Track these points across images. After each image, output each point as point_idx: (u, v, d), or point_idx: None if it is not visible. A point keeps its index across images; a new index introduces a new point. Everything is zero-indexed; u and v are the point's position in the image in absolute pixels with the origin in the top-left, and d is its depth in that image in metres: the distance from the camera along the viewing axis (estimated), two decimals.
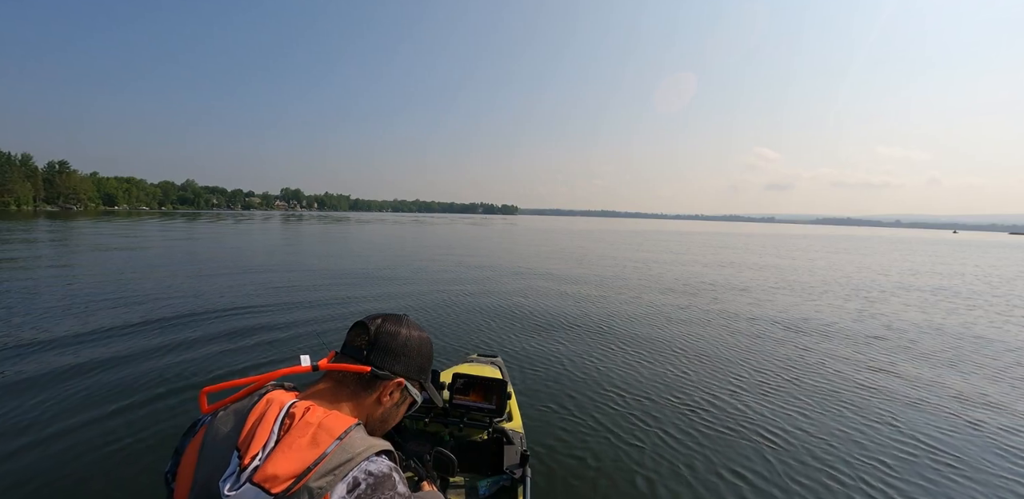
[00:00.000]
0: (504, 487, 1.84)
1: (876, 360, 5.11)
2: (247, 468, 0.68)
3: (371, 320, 0.94)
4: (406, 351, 0.93)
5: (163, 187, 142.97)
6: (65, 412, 3.17)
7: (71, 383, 3.66)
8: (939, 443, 3.19)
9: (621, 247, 23.70)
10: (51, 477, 2.45)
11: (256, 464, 0.68)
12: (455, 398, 2.03)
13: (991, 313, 8.20)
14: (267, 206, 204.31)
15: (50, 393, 3.46)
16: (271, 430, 0.71)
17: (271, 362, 4.33)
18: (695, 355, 5.06)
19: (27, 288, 7.55)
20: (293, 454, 0.68)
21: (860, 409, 3.73)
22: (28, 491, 2.34)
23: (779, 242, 34.95)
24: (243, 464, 0.68)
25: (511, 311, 7.00)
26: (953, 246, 39.51)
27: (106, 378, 3.79)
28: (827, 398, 3.94)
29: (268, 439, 0.70)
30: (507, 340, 5.41)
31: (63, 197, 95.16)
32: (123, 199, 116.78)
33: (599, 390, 3.95)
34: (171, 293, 7.43)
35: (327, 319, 6.07)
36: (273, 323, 5.71)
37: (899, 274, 14.52)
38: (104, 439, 2.84)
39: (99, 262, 11.33)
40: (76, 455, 2.66)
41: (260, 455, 0.69)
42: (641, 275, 12.20)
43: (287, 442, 0.70)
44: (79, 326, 5.29)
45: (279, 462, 0.67)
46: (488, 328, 5.92)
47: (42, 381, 3.68)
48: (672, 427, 3.29)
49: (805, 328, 6.58)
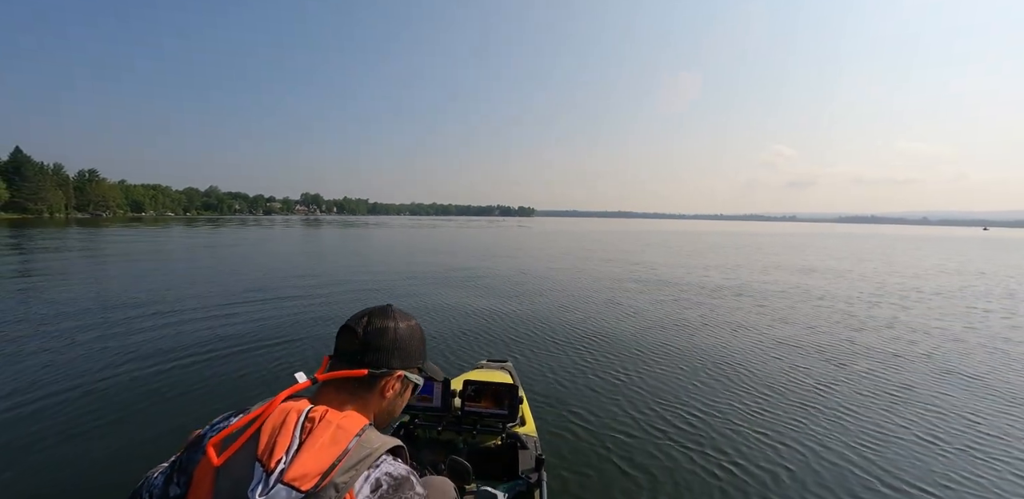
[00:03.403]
0: (521, 492, 1.83)
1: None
2: (273, 472, 0.70)
3: (357, 322, 0.93)
4: (399, 345, 0.93)
5: (187, 194, 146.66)
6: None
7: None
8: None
9: (636, 247, 23.49)
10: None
11: (282, 467, 0.71)
12: (467, 405, 2.03)
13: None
14: (287, 211, 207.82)
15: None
16: (292, 435, 0.75)
17: (264, 381, 4.04)
18: (724, 362, 4.95)
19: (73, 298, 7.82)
20: (318, 453, 0.72)
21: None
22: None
23: (822, 242, 34.21)
24: (268, 469, 0.71)
25: (519, 315, 7.00)
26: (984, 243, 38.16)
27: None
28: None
29: (291, 443, 0.73)
30: (516, 344, 5.40)
31: (93, 204, 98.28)
32: (150, 206, 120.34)
33: (613, 392, 3.91)
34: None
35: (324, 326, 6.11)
36: (260, 338, 5.80)
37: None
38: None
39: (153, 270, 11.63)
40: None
41: (284, 459, 0.72)
42: (679, 279, 12.07)
43: (311, 443, 0.74)
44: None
45: (306, 461, 0.71)
46: (497, 332, 5.89)
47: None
48: (693, 429, 3.23)
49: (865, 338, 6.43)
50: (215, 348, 4.86)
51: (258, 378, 4.07)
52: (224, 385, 3.89)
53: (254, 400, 0.85)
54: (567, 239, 32.05)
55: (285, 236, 29.94)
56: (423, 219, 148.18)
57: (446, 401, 2.01)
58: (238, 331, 5.55)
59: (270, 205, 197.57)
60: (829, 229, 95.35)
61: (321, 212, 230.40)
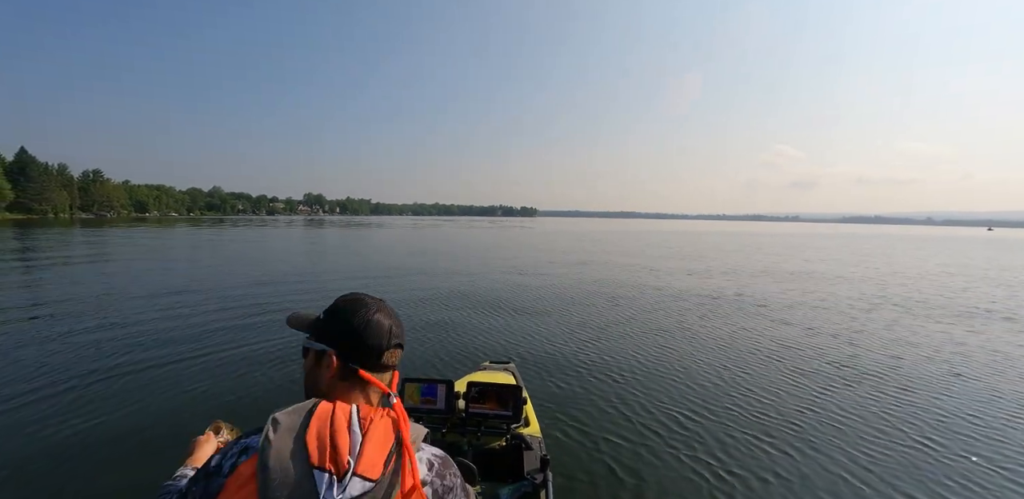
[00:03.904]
0: (526, 493, 1.83)
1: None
2: (346, 472, 0.74)
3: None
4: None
5: (191, 194, 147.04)
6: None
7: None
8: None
9: (646, 248, 23.45)
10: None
11: (351, 464, 0.74)
12: (471, 407, 2.04)
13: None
14: (290, 211, 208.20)
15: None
16: (351, 432, 0.78)
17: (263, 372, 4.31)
18: (725, 365, 4.97)
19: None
20: (378, 444, 0.78)
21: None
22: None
23: (823, 242, 34.09)
24: (339, 471, 0.74)
25: (521, 315, 7.03)
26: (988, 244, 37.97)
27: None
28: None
29: (353, 441, 0.77)
30: (518, 344, 5.42)
31: (97, 205, 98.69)
32: (154, 206, 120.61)
33: (617, 393, 3.93)
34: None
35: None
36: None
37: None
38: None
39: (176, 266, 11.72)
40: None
41: (351, 458, 0.75)
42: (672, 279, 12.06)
43: (371, 436, 0.79)
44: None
45: (371, 454, 0.77)
46: (499, 333, 5.92)
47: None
48: (698, 431, 3.24)
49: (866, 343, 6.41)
50: (222, 341, 4.92)
51: (259, 372, 4.11)
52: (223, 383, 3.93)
53: (254, 387, 0.85)
54: (568, 239, 32.04)
55: (298, 235, 30.01)
56: (426, 219, 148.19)
57: (450, 403, 2.02)
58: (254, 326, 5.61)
59: (273, 205, 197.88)
60: (832, 229, 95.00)
61: (324, 212, 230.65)
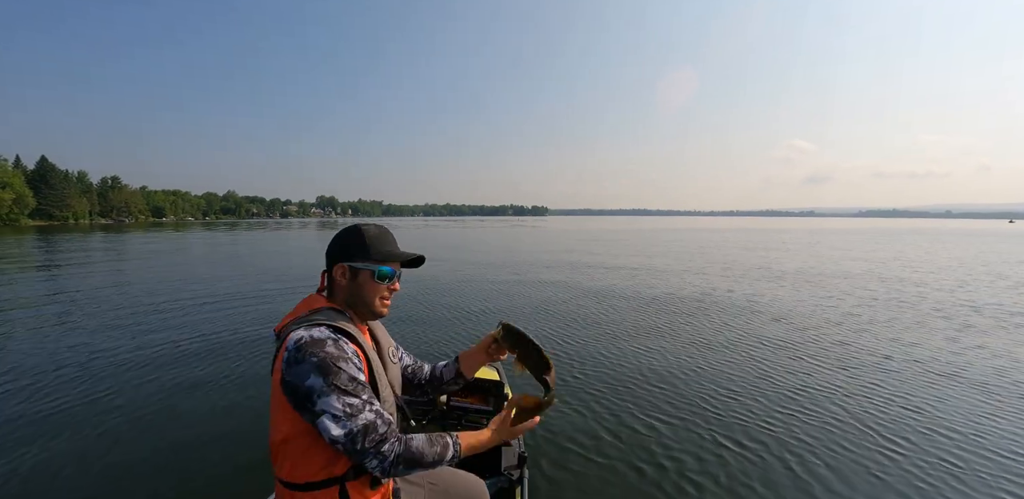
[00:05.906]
0: (502, 488, 1.84)
1: None
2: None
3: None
4: (338, 245, 1.25)
5: (207, 198, 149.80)
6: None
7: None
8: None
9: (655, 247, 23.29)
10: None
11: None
12: (453, 400, 2.06)
13: None
14: (304, 214, 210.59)
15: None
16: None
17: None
18: (722, 363, 4.89)
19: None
20: (289, 316, 1.19)
21: None
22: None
23: (857, 238, 33.55)
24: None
25: (513, 310, 7.00)
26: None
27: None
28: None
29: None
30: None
31: (116, 210, 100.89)
32: (170, 211, 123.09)
33: (598, 391, 3.89)
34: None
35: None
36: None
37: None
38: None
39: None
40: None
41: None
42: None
43: (293, 312, 1.20)
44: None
45: (284, 320, 1.18)
46: (486, 328, 5.90)
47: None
48: (678, 429, 3.20)
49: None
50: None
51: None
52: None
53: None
54: (571, 238, 31.86)
55: (318, 236, 30.35)
56: (437, 220, 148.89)
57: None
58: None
59: (287, 208, 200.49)
60: (853, 224, 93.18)
61: (336, 214, 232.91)
